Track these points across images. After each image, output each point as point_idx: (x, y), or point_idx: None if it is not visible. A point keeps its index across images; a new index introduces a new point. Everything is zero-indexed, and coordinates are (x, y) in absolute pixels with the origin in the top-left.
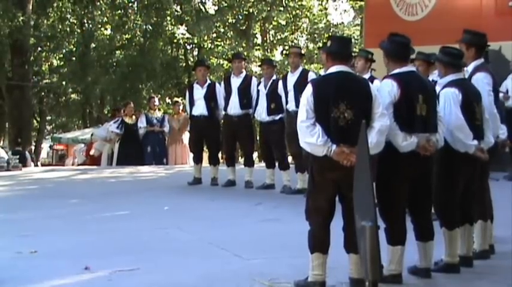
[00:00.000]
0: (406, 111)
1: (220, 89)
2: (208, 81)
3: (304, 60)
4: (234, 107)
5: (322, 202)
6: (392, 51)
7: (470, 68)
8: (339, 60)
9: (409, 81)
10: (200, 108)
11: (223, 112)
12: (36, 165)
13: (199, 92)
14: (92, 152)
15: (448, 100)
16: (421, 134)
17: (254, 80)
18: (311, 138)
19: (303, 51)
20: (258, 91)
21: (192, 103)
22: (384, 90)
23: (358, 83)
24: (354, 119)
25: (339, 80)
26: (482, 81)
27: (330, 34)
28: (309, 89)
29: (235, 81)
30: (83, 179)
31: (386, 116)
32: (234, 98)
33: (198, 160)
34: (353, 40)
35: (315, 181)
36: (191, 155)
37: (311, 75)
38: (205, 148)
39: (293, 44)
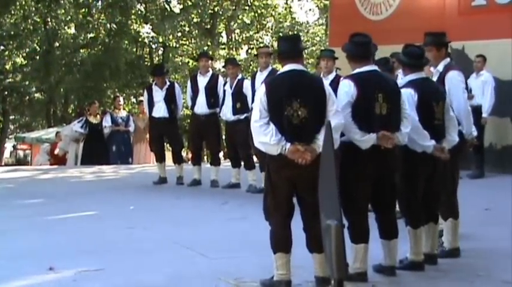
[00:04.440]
0: (364, 110)
1: (179, 89)
2: (168, 83)
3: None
4: (201, 106)
5: (280, 200)
6: (352, 52)
7: (440, 67)
8: (290, 59)
9: (367, 81)
10: (161, 111)
11: (182, 112)
12: None
13: (159, 94)
14: (56, 152)
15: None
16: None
17: (221, 79)
18: (264, 137)
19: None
20: (224, 91)
21: (151, 104)
22: (342, 91)
23: (311, 80)
24: (307, 117)
25: (291, 79)
26: (456, 79)
27: (295, 33)
28: (262, 89)
29: (202, 81)
30: (46, 179)
31: (341, 113)
32: (201, 97)
33: (161, 158)
34: (318, 39)
35: (272, 180)
36: None
37: None
38: (168, 147)
39: (258, 42)
